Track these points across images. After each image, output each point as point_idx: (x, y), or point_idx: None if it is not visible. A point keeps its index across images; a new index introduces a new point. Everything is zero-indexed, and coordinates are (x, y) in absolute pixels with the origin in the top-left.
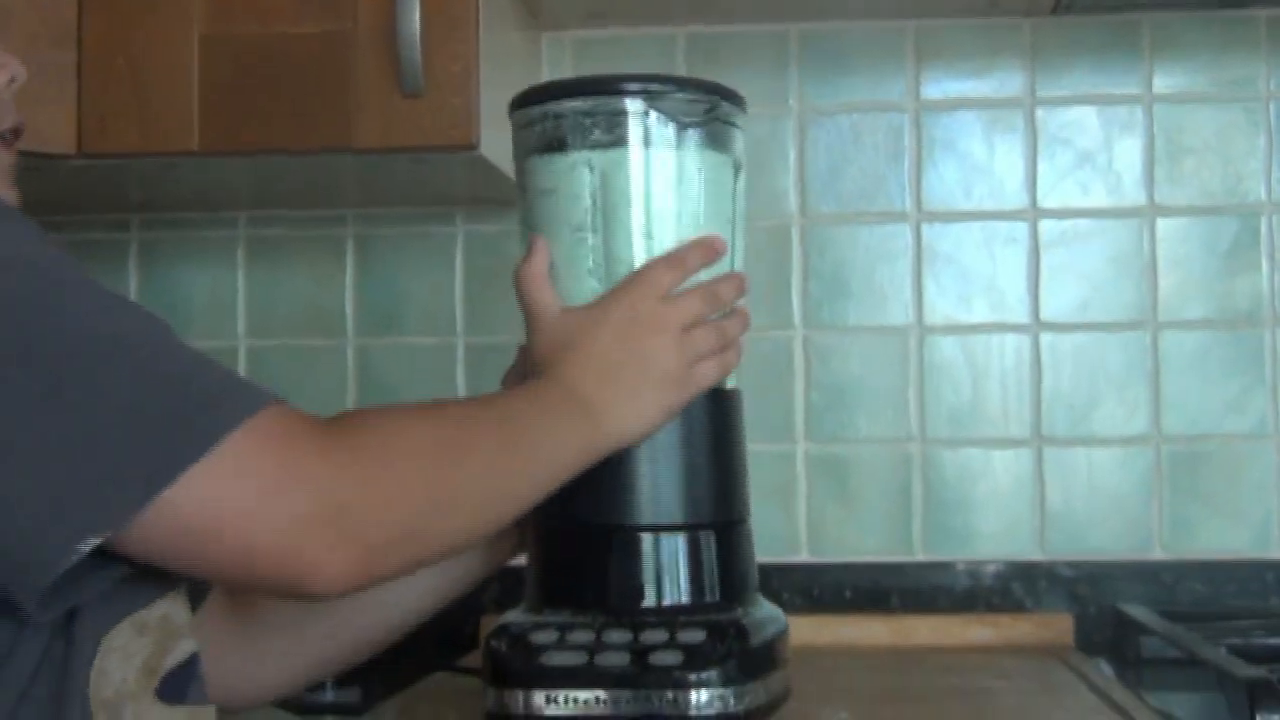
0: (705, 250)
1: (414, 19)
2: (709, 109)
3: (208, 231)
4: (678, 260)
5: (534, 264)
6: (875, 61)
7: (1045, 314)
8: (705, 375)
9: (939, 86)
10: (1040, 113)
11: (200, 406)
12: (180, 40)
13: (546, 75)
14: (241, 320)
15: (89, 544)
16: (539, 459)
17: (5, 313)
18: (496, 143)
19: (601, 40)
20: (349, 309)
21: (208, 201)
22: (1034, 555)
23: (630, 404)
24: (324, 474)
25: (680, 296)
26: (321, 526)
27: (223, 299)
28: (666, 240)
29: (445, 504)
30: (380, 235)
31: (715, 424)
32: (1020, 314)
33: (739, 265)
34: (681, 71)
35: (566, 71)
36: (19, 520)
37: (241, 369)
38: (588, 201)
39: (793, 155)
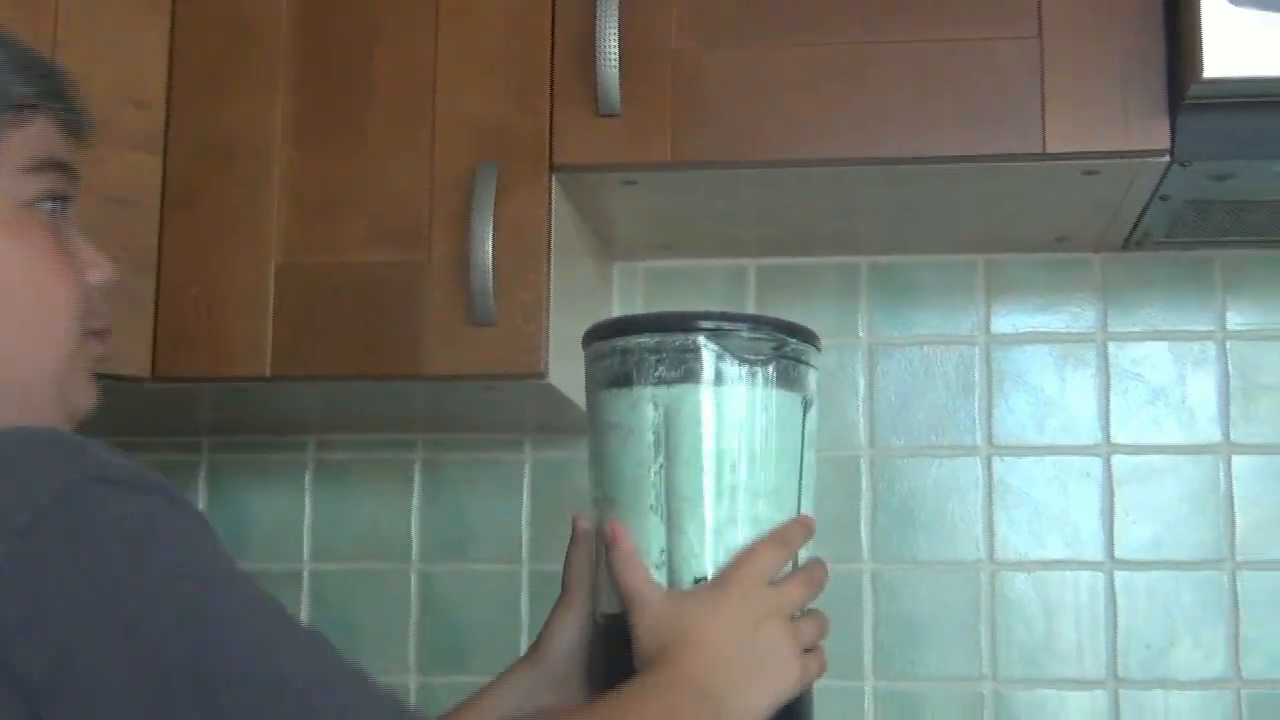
0: (804, 528)
1: (487, 250)
2: (776, 347)
3: (276, 455)
4: (782, 540)
5: (623, 546)
6: (945, 295)
7: (1120, 551)
8: (812, 668)
9: (1009, 320)
10: (1112, 348)
11: None
12: (257, 269)
13: (617, 304)
14: (306, 544)
15: None
16: None
17: (174, 634)
18: (565, 372)
19: (673, 271)
20: (414, 533)
21: (277, 426)
22: None
23: (751, 695)
24: None
25: (785, 582)
26: None
27: (289, 522)
28: (729, 479)
29: None
30: (448, 461)
31: None
32: (1094, 551)
33: (809, 504)
34: (752, 302)
35: (637, 301)
36: None
37: (305, 592)
38: (651, 437)
39: (862, 387)
